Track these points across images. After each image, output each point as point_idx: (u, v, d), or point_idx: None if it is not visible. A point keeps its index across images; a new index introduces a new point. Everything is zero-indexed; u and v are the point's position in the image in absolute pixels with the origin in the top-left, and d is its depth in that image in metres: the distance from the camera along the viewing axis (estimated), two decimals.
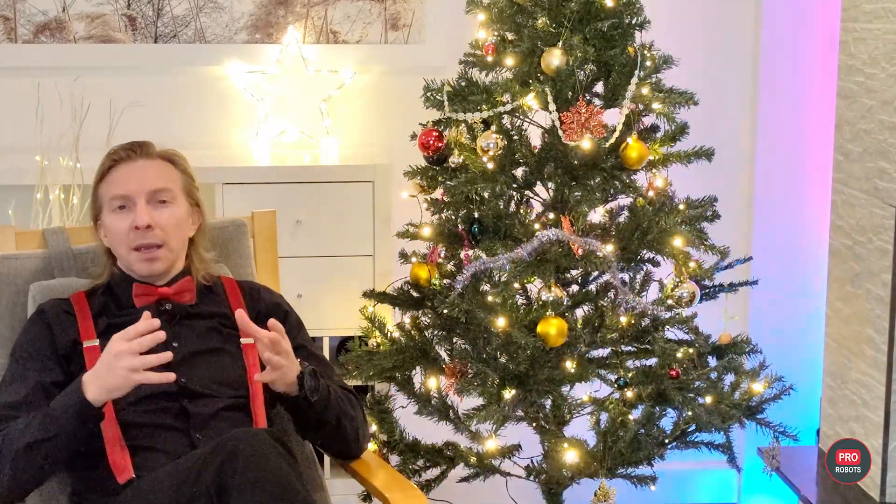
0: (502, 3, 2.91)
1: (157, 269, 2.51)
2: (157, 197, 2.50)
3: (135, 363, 2.23)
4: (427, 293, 3.03)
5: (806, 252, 3.72)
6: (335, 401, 2.50)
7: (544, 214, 2.94)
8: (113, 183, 2.52)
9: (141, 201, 2.48)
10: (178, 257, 2.56)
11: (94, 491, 2.38)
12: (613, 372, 2.97)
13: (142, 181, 2.50)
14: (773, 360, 3.16)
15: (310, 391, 2.42)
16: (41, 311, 2.50)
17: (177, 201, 2.53)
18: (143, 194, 2.49)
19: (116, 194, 2.50)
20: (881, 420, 3.14)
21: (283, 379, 2.40)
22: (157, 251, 2.50)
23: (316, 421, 2.48)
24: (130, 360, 2.23)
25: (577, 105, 2.78)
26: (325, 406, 2.47)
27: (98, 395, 2.26)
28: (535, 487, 3.16)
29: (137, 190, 2.49)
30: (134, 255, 2.49)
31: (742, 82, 3.74)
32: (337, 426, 2.51)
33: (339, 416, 2.51)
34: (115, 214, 2.50)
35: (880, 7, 3.13)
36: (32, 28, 3.56)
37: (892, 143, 3.08)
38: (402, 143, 3.11)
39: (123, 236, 2.49)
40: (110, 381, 2.25)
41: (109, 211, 2.51)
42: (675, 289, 2.88)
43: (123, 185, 2.50)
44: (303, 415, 2.47)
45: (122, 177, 2.51)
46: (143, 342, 2.24)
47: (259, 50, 3.61)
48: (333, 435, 2.53)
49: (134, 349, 2.24)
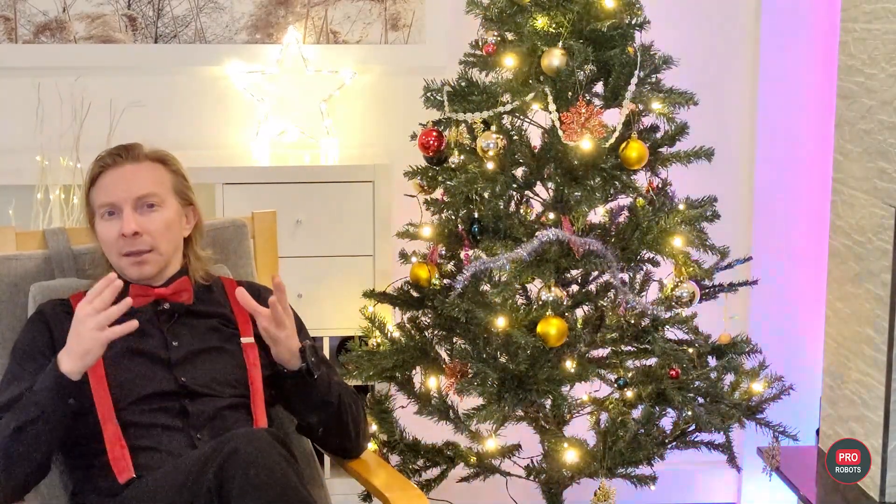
0: (502, 3, 2.91)
1: (146, 272, 2.51)
2: (143, 202, 2.50)
3: (99, 319, 2.24)
4: (427, 293, 3.03)
5: (806, 252, 3.72)
6: (336, 384, 2.53)
7: (544, 214, 2.94)
8: (101, 190, 2.52)
9: (127, 208, 2.48)
10: (172, 258, 2.56)
11: (95, 491, 2.38)
12: (613, 372, 2.97)
13: (128, 188, 2.49)
14: (773, 360, 3.16)
15: (312, 364, 2.44)
16: (41, 312, 2.50)
17: (165, 204, 2.53)
18: (129, 201, 2.48)
19: (104, 202, 2.50)
20: (881, 420, 3.14)
21: (288, 343, 2.42)
22: (146, 256, 2.49)
23: (319, 401, 2.48)
24: (95, 318, 2.24)
25: (577, 105, 2.78)
26: (327, 384, 2.49)
27: (72, 366, 2.26)
28: (535, 487, 3.16)
29: (124, 197, 2.49)
30: (124, 260, 2.50)
31: (742, 82, 3.74)
32: (339, 408, 2.51)
33: (341, 396, 2.52)
34: (105, 221, 2.51)
35: (880, 7, 3.13)
36: (33, 28, 3.56)
37: (892, 143, 3.09)
38: (402, 143, 3.11)
39: (113, 243, 2.49)
40: (80, 345, 2.26)
41: (99, 217, 2.52)
42: (675, 289, 2.88)
43: (110, 192, 2.50)
44: (305, 393, 2.47)
45: (109, 183, 2.51)
46: (104, 297, 2.25)
47: (259, 50, 3.61)
48: (335, 419, 2.52)
49: (97, 307, 2.25)
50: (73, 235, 2.69)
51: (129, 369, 2.42)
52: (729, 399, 3.02)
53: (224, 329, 2.55)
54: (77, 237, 2.69)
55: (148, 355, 2.45)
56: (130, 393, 2.40)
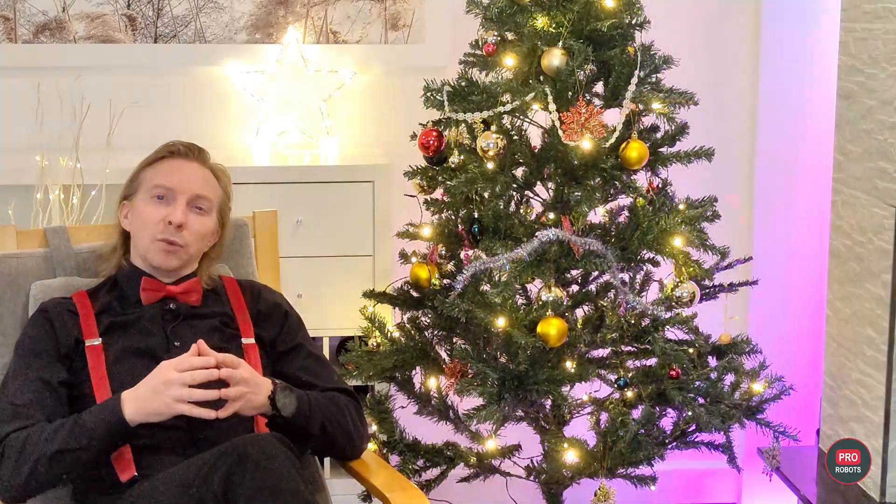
0: (502, 3, 2.91)
1: (171, 263, 2.52)
2: (197, 202, 2.53)
3: (182, 394, 2.24)
4: (427, 293, 3.03)
5: (806, 252, 3.72)
6: (317, 410, 2.46)
7: (544, 214, 2.94)
8: (162, 172, 2.54)
9: (182, 200, 2.51)
10: (191, 262, 2.58)
11: (97, 490, 2.38)
12: (613, 372, 2.97)
13: (190, 181, 2.53)
14: (773, 360, 3.16)
15: (283, 408, 2.39)
16: (43, 310, 2.50)
17: (211, 214, 2.57)
18: (186, 194, 2.52)
19: (162, 184, 2.52)
20: (881, 420, 3.14)
21: (250, 405, 2.36)
22: (178, 249, 2.51)
23: (300, 434, 2.44)
24: (179, 390, 2.24)
25: (577, 105, 2.78)
26: (306, 418, 2.43)
27: (136, 416, 2.27)
28: (535, 487, 3.16)
29: (184, 188, 2.52)
30: (157, 244, 2.50)
31: (742, 82, 3.74)
32: (322, 434, 2.47)
33: (324, 424, 2.47)
34: (152, 202, 2.52)
35: (880, 7, 3.13)
36: (32, 28, 3.56)
37: (892, 143, 3.09)
38: (402, 143, 3.11)
39: (152, 225, 2.50)
40: (153, 405, 2.26)
41: (147, 196, 2.53)
42: (675, 289, 2.88)
43: (172, 177, 2.53)
44: (285, 431, 2.42)
45: (173, 169, 2.54)
46: (196, 375, 2.25)
47: (259, 50, 3.61)
48: (321, 444, 2.51)
49: (185, 380, 2.25)
50: (74, 234, 2.70)
51: (132, 369, 2.42)
52: (729, 399, 3.02)
53: (226, 329, 2.55)
54: (77, 236, 2.70)
55: (150, 355, 2.45)
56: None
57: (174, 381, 2.25)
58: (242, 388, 2.32)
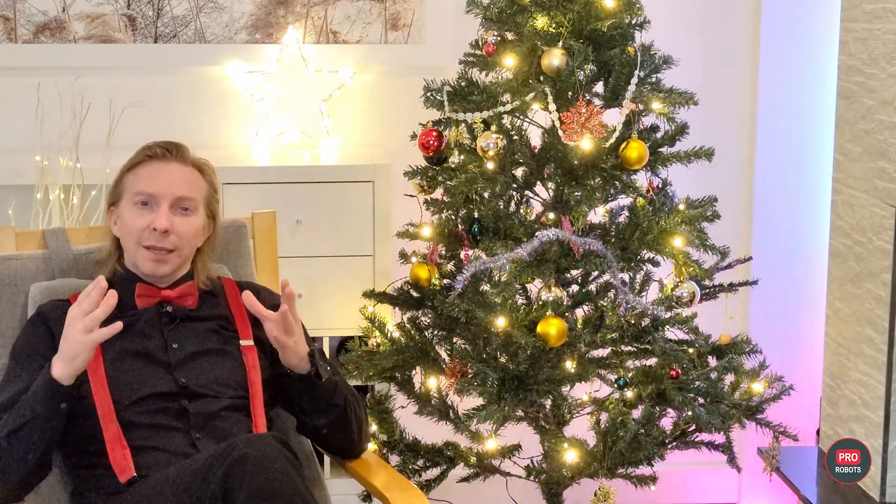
0: (502, 3, 2.91)
1: (162, 271, 2.52)
2: (180, 204, 2.52)
3: (85, 322, 2.24)
4: (427, 293, 3.03)
5: (806, 252, 3.72)
6: (343, 386, 2.54)
7: (544, 214, 2.94)
8: (142, 177, 2.52)
9: (165, 204, 2.49)
10: (185, 263, 2.57)
11: (96, 490, 2.38)
12: (613, 372, 2.97)
13: (170, 185, 2.51)
14: (773, 360, 3.16)
15: (320, 367, 2.45)
16: (41, 313, 2.50)
17: (197, 212, 2.55)
18: (168, 198, 2.50)
19: (142, 190, 2.51)
20: (881, 420, 3.14)
21: (294, 350, 2.42)
22: (168, 255, 2.50)
23: (327, 403, 2.48)
24: (82, 322, 2.24)
25: (577, 105, 2.78)
26: (335, 386, 2.49)
27: (63, 371, 2.27)
28: (535, 487, 3.16)
29: (165, 192, 2.50)
30: (143, 252, 2.50)
31: (742, 82, 3.74)
32: (344, 411, 2.52)
33: (347, 399, 2.52)
34: (136, 209, 2.51)
35: (880, 7, 3.13)
36: (32, 28, 3.56)
37: (892, 143, 3.09)
38: (402, 143, 3.11)
39: (138, 232, 2.50)
40: (70, 349, 2.26)
41: (130, 203, 2.52)
42: (675, 289, 2.88)
43: (152, 183, 2.51)
44: (314, 396, 2.47)
45: (152, 174, 2.52)
46: (91, 298, 2.25)
47: (259, 50, 3.61)
48: (341, 421, 2.53)
49: (85, 310, 2.24)
50: (73, 235, 2.69)
51: (130, 370, 2.42)
52: (729, 399, 3.02)
53: (223, 332, 2.55)
54: (77, 237, 2.69)
55: (148, 357, 2.46)
56: (131, 394, 2.41)
57: (76, 316, 2.25)
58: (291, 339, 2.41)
